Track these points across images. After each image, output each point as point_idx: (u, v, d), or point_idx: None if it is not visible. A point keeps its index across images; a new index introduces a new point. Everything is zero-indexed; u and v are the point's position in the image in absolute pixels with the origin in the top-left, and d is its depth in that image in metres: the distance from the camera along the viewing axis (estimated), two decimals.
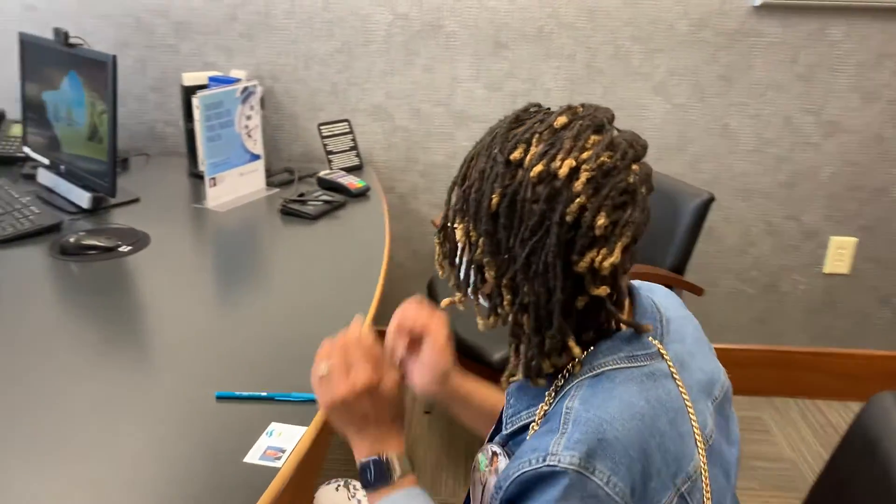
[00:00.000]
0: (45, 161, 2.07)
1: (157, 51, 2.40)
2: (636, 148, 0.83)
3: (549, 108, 0.87)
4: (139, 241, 1.77)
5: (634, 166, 0.81)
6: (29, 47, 2.05)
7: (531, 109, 0.87)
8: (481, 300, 0.89)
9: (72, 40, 1.89)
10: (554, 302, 0.80)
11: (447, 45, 2.38)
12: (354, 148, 2.39)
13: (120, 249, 1.71)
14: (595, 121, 0.82)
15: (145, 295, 1.54)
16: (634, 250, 0.84)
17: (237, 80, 2.16)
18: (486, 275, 0.84)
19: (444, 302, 0.98)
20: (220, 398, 1.19)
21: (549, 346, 0.83)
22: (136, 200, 2.03)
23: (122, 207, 1.98)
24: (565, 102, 2.43)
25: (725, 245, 2.58)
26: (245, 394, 1.19)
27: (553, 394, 0.85)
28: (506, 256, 0.81)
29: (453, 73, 2.41)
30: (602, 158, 0.79)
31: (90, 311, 1.46)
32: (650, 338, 0.86)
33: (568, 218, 0.77)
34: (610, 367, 0.83)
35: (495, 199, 0.80)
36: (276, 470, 1.03)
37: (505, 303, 0.84)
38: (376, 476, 0.92)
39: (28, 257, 1.67)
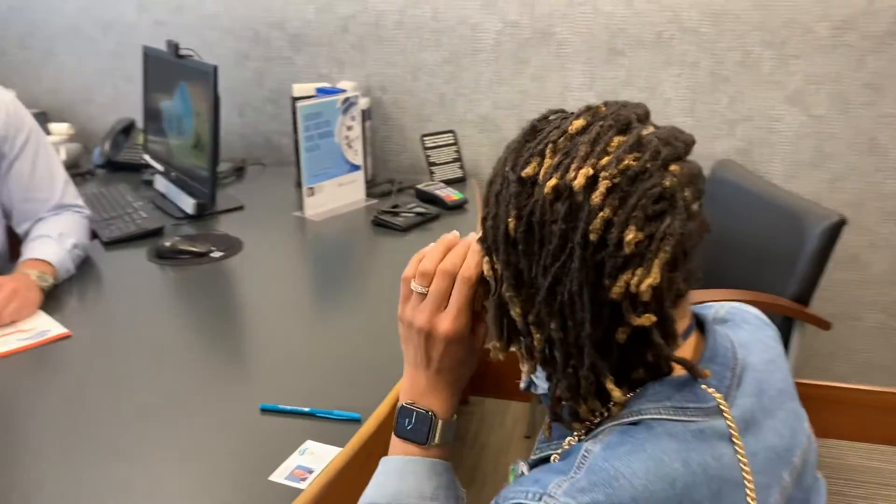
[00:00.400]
0: (161, 168, 2.17)
1: (273, 63, 2.47)
2: (673, 145, 0.70)
3: (571, 113, 0.75)
4: (232, 247, 1.80)
5: (673, 167, 0.68)
6: (151, 60, 2.17)
7: (549, 117, 0.75)
8: (518, 346, 0.76)
9: (182, 52, 1.97)
10: (584, 337, 0.68)
11: (558, 52, 2.28)
12: (458, 160, 2.34)
13: (211, 255, 1.75)
14: (619, 119, 0.70)
15: (224, 301, 1.56)
16: (692, 269, 0.70)
17: (342, 91, 2.17)
18: (513, 312, 0.72)
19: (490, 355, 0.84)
20: (263, 410, 1.16)
21: (584, 387, 0.71)
22: (240, 208, 2.09)
23: (225, 214, 2.04)
24: (686, 112, 2.27)
25: (871, 274, 2.29)
26: (287, 407, 1.16)
27: (584, 431, 0.74)
28: (530, 289, 0.70)
29: (564, 82, 2.30)
30: (626, 162, 0.66)
31: (170, 314, 1.49)
32: (709, 387, 0.72)
33: (592, 236, 0.65)
34: (651, 416, 0.69)
35: (511, 224, 0.69)
36: (298, 492, 0.98)
37: (535, 342, 0.72)
38: (413, 429, 0.82)
39: (128, 259, 1.75)
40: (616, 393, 0.69)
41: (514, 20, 2.28)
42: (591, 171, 0.66)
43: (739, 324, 0.84)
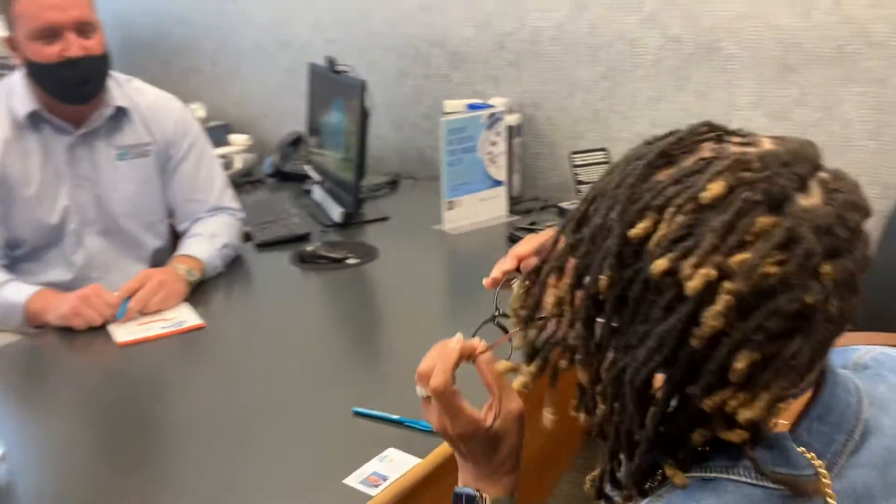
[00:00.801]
0: (318, 178, 2.29)
1: (431, 80, 2.52)
2: (835, 234, 0.54)
3: (725, 133, 0.60)
4: (368, 255, 1.85)
5: (826, 267, 0.53)
6: (315, 76, 2.30)
7: (694, 139, 0.59)
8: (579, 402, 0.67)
9: (338, 67, 2.07)
10: (649, 428, 0.59)
11: (724, 68, 2.13)
12: None
13: (347, 261, 1.81)
14: (772, 191, 0.54)
15: (351, 306, 1.61)
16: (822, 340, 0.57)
17: (490, 107, 2.17)
18: (579, 377, 0.64)
19: (517, 383, 0.72)
20: (356, 414, 1.18)
21: (636, 465, 0.61)
22: (385, 219, 2.15)
23: (371, 224, 2.11)
24: (870, 136, 2.03)
25: None
26: (378, 413, 1.16)
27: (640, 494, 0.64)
28: (601, 357, 0.61)
29: (730, 100, 2.15)
30: (763, 269, 0.52)
31: (298, 314, 1.57)
32: (809, 451, 0.60)
33: (694, 343, 0.54)
34: (726, 476, 0.59)
35: (603, 282, 0.58)
36: (367, 499, 0.98)
37: (598, 411, 0.63)
38: None
39: (274, 261, 1.86)
40: (679, 479, 0.59)
41: (676, 35, 2.17)
42: (713, 274, 0.52)
43: (884, 375, 0.69)
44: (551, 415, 0.68)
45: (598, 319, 0.60)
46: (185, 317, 1.53)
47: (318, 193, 2.28)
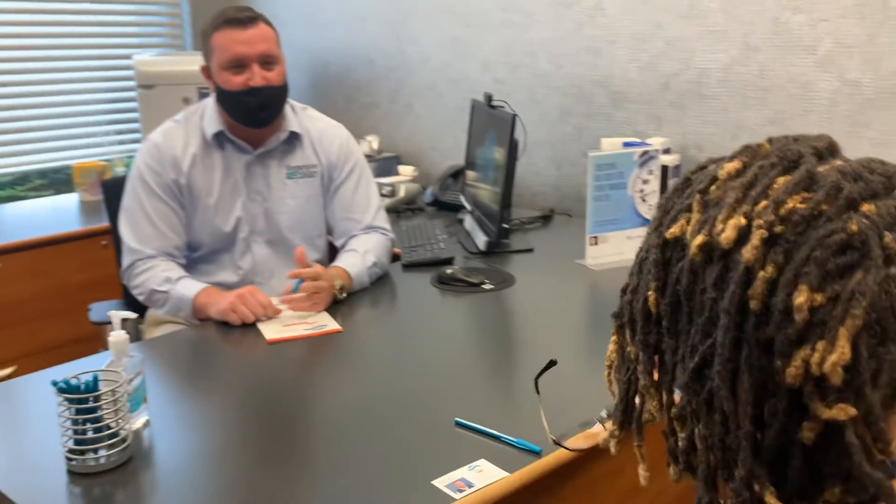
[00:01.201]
0: (469, 208, 2.38)
1: (593, 119, 2.54)
2: (866, 180, 0.53)
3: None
4: (505, 282, 1.90)
5: (865, 205, 0.52)
6: (475, 111, 2.41)
7: (708, 166, 0.60)
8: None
9: (494, 103, 2.15)
10: (740, 437, 0.52)
11: None
12: None
13: (483, 286, 1.86)
14: (786, 156, 0.55)
15: (479, 326, 1.66)
16: None
17: (644, 145, 2.16)
18: (650, 405, 0.60)
19: (601, 438, 0.69)
20: (457, 424, 1.21)
21: (743, 475, 0.53)
22: (529, 250, 2.19)
23: (514, 254, 2.15)
24: None
25: None
26: (478, 426, 1.19)
27: None
28: (672, 376, 0.57)
29: None
30: (791, 204, 0.52)
31: (428, 330, 1.64)
32: None
33: (752, 304, 0.51)
34: None
35: (651, 297, 0.57)
36: (450, 500, 1.01)
37: (680, 443, 0.58)
38: None
39: (416, 281, 1.95)
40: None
41: (855, 79, 2.04)
42: (741, 221, 0.52)
43: None
44: (644, 471, 0.65)
45: (661, 343, 0.57)
46: (326, 321, 1.65)
47: (468, 222, 2.36)
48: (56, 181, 3.76)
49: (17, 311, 2.45)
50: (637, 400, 0.62)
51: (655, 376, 0.59)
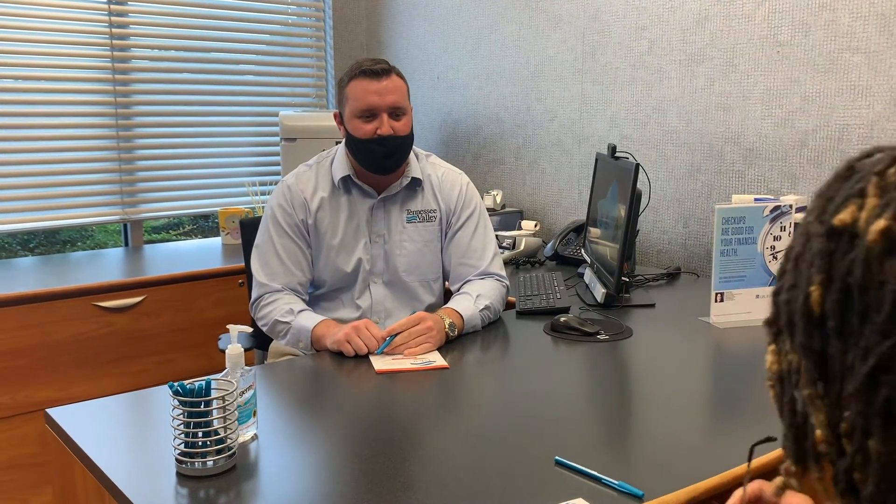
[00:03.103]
0: (589, 260, 2.34)
1: (724, 176, 2.46)
2: None
3: None
4: (621, 334, 1.84)
5: None
6: (599, 164, 2.39)
7: (874, 154, 0.55)
8: (821, 473, 0.55)
9: (618, 154, 2.13)
10: None
11: None
12: None
13: (598, 336, 1.82)
14: None
15: (591, 374, 1.61)
16: None
17: (773, 200, 2.06)
18: (814, 420, 0.53)
19: (774, 484, 0.63)
20: (557, 463, 1.17)
21: None
22: (650, 305, 2.12)
23: (633, 308, 2.09)
24: None
25: None
26: (579, 467, 1.15)
27: None
28: (842, 385, 0.50)
29: None
30: None
31: (536, 373, 1.61)
32: None
33: None
34: None
35: (815, 293, 0.51)
36: None
37: (855, 466, 0.50)
38: None
39: (529, 328, 1.93)
40: None
41: None
42: None
43: None
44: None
45: (826, 347, 0.51)
46: (434, 357, 1.66)
47: (588, 275, 2.33)
48: (204, 227, 4.06)
49: (157, 341, 2.63)
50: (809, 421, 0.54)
51: (821, 388, 0.52)
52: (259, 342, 2.16)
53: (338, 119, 1.98)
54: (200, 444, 1.14)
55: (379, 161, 1.90)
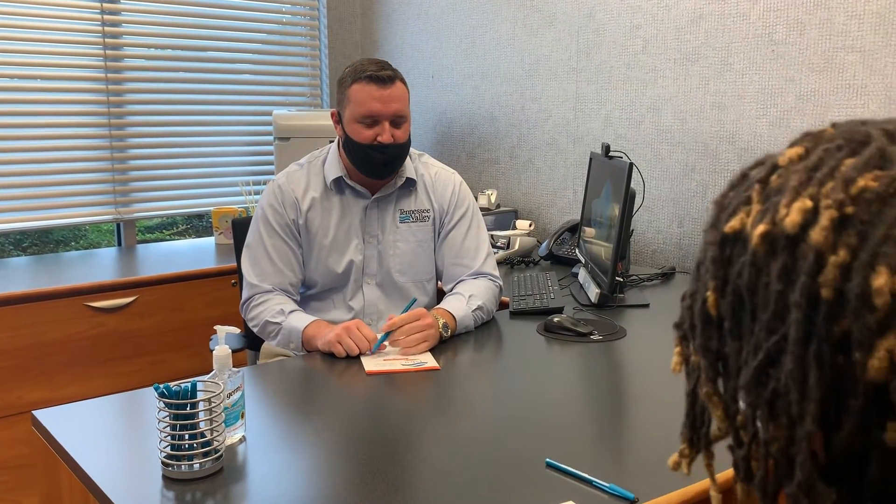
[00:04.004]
0: (583, 260, 2.33)
1: (718, 175, 2.45)
2: None
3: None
4: (614, 334, 1.83)
5: None
6: (592, 163, 2.38)
7: (765, 162, 0.56)
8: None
9: (611, 154, 2.12)
10: (800, 437, 0.48)
11: None
12: None
13: (591, 337, 1.80)
14: (853, 137, 0.51)
15: (583, 374, 1.60)
16: None
17: None
18: (714, 416, 0.55)
19: (671, 460, 0.63)
20: (548, 465, 1.16)
21: (800, 481, 0.48)
22: (645, 306, 2.10)
23: (628, 308, 2.08)
24: None
25: None
26: (571, 469, 1.14)
27: None
28: (736, 380, 0.53)
29: None
30: (862, 183, 0.47)
31: (528, 374, 1.60)
32: None
33: (824, 292, 0.46)
34: None
35: (710, 297, 0.53)
36: None
37: (751, 454, 0.53)
38: None
39: (522, 327, 1.92)
40: None
41: None
42: (807, 204, 0.48)
43: None
44: (716, 492, 0.59)
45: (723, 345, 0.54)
46: (425, 358, 1.65)
47: (582, 275, 2.31)
48: (198, 226, 4.04)
49: (149, 342, 2.61)
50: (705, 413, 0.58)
51: (720, 385, 0.55)
52: (250, 343, 2.15)
53: (335, 118, 1.96)
54: (187, 446, 1.12)
55: (376, 167, 1.89)
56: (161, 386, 1.11)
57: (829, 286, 0.46)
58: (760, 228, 0.50)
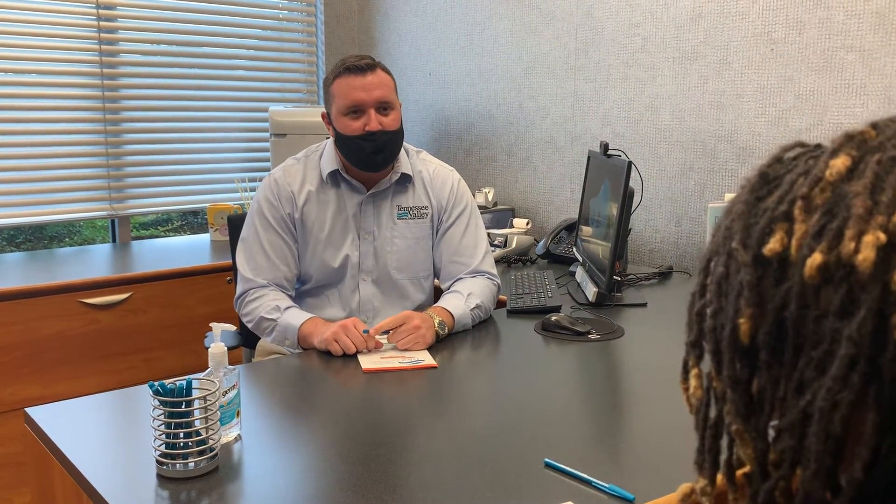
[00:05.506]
0: (580, 259, 2.32)
1: (717, 174, 2.45)
2: None
3: (820, 147, 0.53)
4: (612, 333, 1.82)
5: None
6: (591, 162, 2.37)
7: (788, 156, 0.53)
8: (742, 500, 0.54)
9: (610, 152, 2.11)
10: (847, 480, 0.45)
11: None
12: None
13: (589, 336, 1.79)
14: None
15: (581, 373, 1.59)
16: None
17: None
18: (741, 452, 0.52)
19: (680, 489, 0.61)
20: (547, 465, 1.15)
21: None
22: (642, 305, 2.10)
23: (626, 308, 2.07)
24: None
25: None
26: (569, 469, 1.13)
27: None
28: (769, 416, 0.50)
29: None
30: None
31: (526, 373, 1.59)
32: None
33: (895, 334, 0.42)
34: None
35: (744, 325, 0.49)
36: None
37: (778, 489, 0.49)
38: None
39: (519, 326, 1.91)
40: None
41: None
42: (881, 237, 0.43)
43: None
44: None
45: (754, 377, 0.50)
46: (423, 356, 1.64)
47: (579, 274, 2.30)
48: (193, 223, 4.02)
49: (144, 339, 2.60)
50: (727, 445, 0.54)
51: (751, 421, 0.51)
52: (246, 340, 2.13)
53: (325, 119, 1.95)
54: (181, 444, 1.11)
55: (368, 157, 1.87)
56: (156, 384, 1.10)
57: None
58: (817, 259, 0.45)
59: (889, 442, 0.44)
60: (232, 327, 1.34)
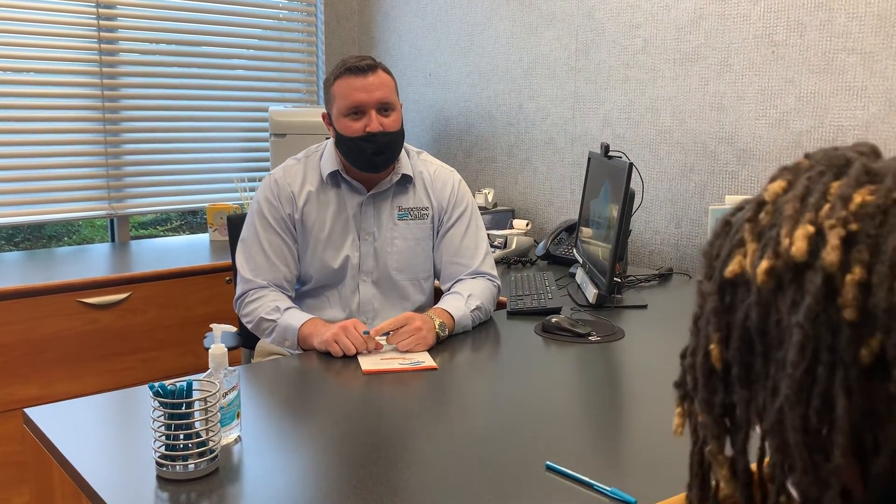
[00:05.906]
0: (580, 261, 2.32)
1: (717, 176, 2.45)
2: None
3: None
4: (612, 335, 1.82)
5: None
6: (591, 163, 2.37)
7: (743, 208, 0.56)
8: None
9: (611, 153, 2.11)
10: (829, 472, 0.47)
11: None
12: None
13: (589, 337, 1.79)
14: (832, 162, 0.51)
15: (581, 375, 1.59)
16: None
17: None
18: (719, 474, 0.54)
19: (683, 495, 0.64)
20: (548, 468, 1.15)
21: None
22: (643, 307, 2.09)
23: (626, 309, 2.07)
24: None
25: None
26: (571, 472, 1.12)
27: None
28: (744, 435, 0.52)
29: None
30: (859, 199, 0.47)
31: (526, 375, 1.59)
32: None
33: (847, 314, 0.45)
34: None
35: (714, 350, 0.52)
36: None
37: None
38: None
39: (519, 328, 1.91)
40: None
41: None
42: (810, 229, 0.48)
43: None
44: None
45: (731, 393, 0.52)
46: (423, 358, 1.63)
47: (579, 276, 2.30)
48: (192, 223, 4.02)
49: (142, 339, 2.59)
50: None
51: (727, 442, 0.54)
52: (245, 341, 2.13)
53: (326, 120, 1.94)
54: (181, 446, 1.10)
55: (369, 158, 1.87)
56: (156, 385, 1.09)
57: (851, 306, 0.45)
58: (764, 265, 0.49)
59: (872, 428, 0.45)
60: (232, 328, 1.34)
